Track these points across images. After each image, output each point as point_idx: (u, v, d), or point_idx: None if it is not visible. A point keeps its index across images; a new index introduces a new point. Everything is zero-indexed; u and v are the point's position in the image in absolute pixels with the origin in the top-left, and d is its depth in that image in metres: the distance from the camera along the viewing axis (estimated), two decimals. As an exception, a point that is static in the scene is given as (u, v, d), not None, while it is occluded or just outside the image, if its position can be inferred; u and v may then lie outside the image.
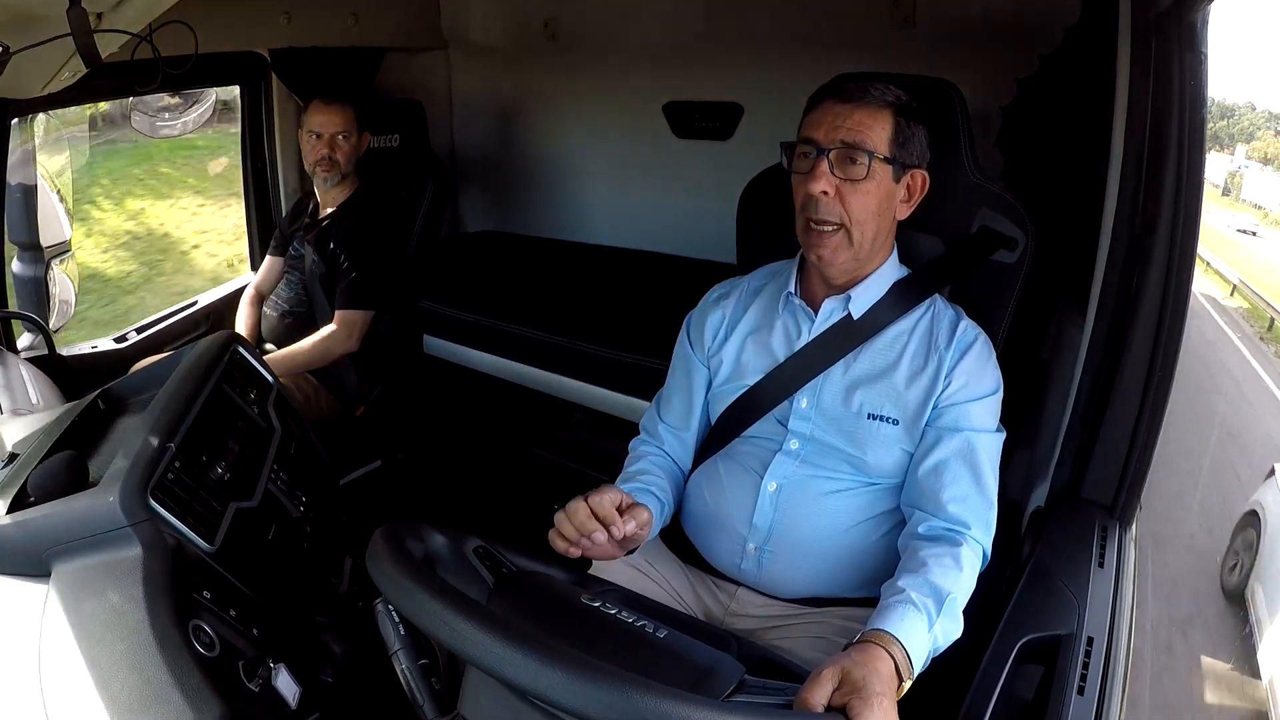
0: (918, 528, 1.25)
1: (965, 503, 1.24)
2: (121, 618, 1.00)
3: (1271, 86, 3.13)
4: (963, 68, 1.72)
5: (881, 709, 0.90)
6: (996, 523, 1.25)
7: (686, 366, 1.52)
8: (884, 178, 1.30)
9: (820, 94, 1.34)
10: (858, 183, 1.28)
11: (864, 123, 1.28)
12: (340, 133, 2.49)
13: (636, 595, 1.25)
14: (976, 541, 1.22)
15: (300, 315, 2.58)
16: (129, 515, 1.06)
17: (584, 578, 1.23)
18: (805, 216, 1.32)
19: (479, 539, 1.12)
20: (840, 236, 1.31)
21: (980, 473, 1.27)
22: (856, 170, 1.28)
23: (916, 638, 1.04)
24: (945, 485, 1.26)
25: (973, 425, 1.29)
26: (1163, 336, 1.36)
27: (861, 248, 1.33)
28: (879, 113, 1.29)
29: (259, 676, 1.07)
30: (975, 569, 1.20)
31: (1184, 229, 1.33)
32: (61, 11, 1.13)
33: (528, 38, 3.19)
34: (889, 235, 1.38)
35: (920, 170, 1.34)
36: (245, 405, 1.49)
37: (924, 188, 1.36)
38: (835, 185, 1.29)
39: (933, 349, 1.34)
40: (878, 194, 1.30)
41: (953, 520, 1.23)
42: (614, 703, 0.74)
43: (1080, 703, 1.07)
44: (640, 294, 2.73)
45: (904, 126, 1.30)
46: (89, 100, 2.58)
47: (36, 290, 2.24)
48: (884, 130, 1.29)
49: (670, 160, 3.06)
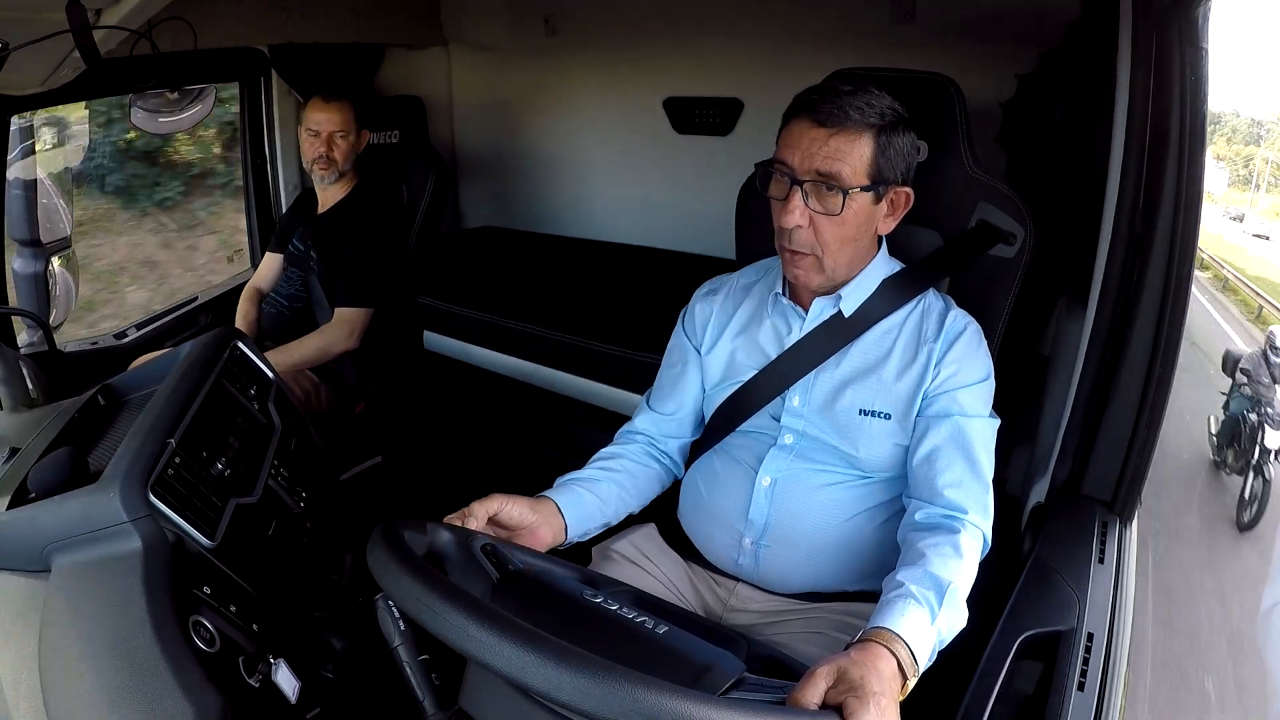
0: (915, 515, 1.24)
1: (960, 488, 1.23)
2: (121, 613, 1.00)
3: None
4: (963, 64, 1.72)
5: (879, 709, 0.87)
6: (996, 518, 1.24)
7: (681, 353, 1.52)
8: (862, 204, 1.28)
9: (795, 109, 1.29)
10: (829, 215, 1.26)
11: (841, 150, 1.24)
12: (338, 131, 2.48)
13: (647, 595, 1.25)
14: (975, 526, 1.20)
15: (299, 311, 2.58)
16: (129, 511, 1.06)
17: (595, 576, 1.22)
18: (780, 241, 1.33)
19: (487, 537, 1.12)
20: (812, 261, 1.31)
21: (974, 457, 1.25)
22: (831, 203, 1.26)
23: (919, 633, 1.01)
24: (939, 472, 1.25)
25: (963, 411, 1.28)
26: (1163, 332, 1.36)
27: (836, 271, 1.33)
28: (858, 137, 1.24)
29: (259, 672, 1.07)
30: (976, 556, 1.18)
31: (1185, 224, 1.32)
32: (60, 8, 1.13)
33: (528, 34, 3.18)
34: (870, 247, 1.37)
35: (905, 189, 1.32)
36: (245, 401, 1.49)
37: (908, 203, 1.33)
38: (810, 216, 1.27)
39: (922, 341, 1.34)
40: (855, 222, 1.29)
41: (949, 506, 1.22)
42: (606, 696, 0.73)
43: (1080, 698, 1.07)
44: (640, 290, 2.73)
45: (886, 145, 1.26)
46: (88, 97, 2.57)
47: (36, 286, 2.24)
48: (863, 156, 1.25)
49: (670, 156, 3.06)
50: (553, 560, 1.19)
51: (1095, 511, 1.43)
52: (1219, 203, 4.16)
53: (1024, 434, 1.70)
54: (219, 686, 0.97)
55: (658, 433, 1.52)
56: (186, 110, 2.80)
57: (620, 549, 1.48)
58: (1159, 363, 1.37)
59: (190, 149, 4.01)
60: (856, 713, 0.86)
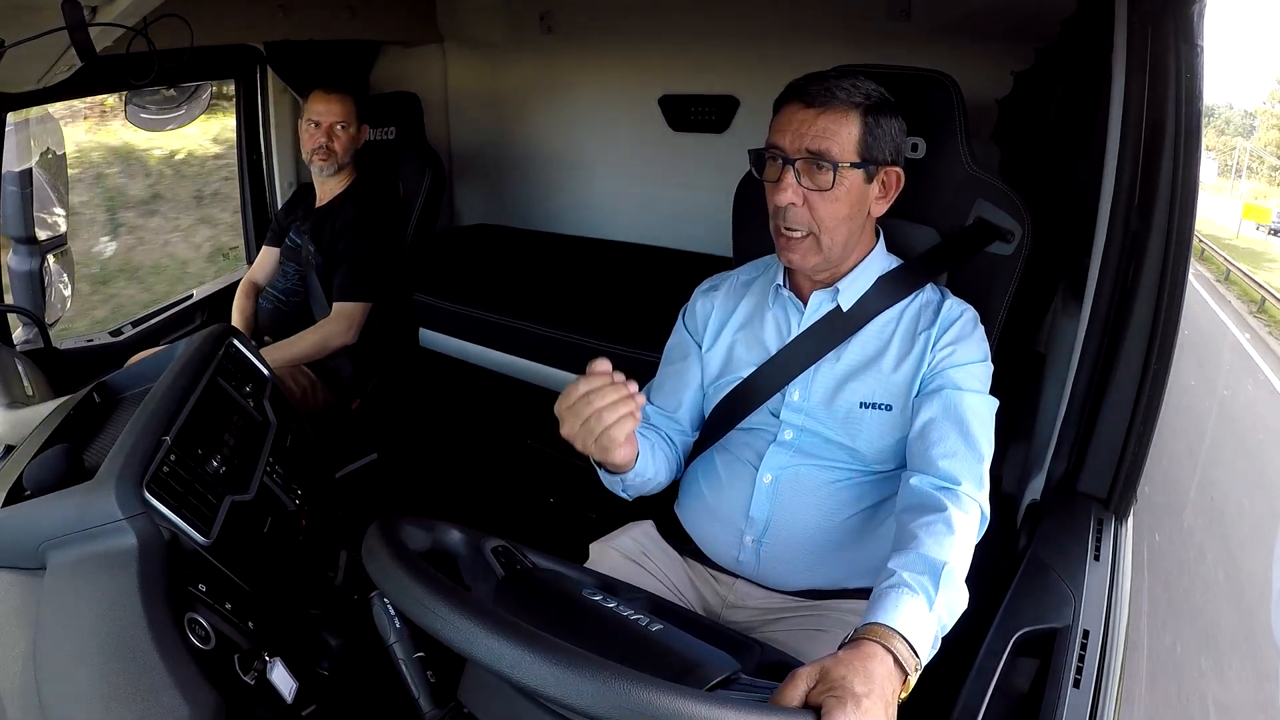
0: (909, 481, 1.22)
1: (955, 458, 1.22)
2: (117, 610, 1.00)
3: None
4: (959, 60, 1.72)
5: (857, 709, 0.84)
6: (992, 517, 1.23)
7: (682, 349, 1.52)
8: (854, 182, 1.29)
9: (785, 95, 1.33)
10: (826, 191, 1.28)
11: (829, 129, 1.27)
12: (339, 122, 2.49)
13: (663, 601, 1.25)
14: (969, 497, 1.18)
15: (296, 305, 2.58)
16: (124, 508, 1.06)
17: (611, 582, 1.23)
18: (775, 222, 1.33)
19: (500, 539, 1.12)
20: (810, 242, 1.32)
21: (967, 429, 1.24)
22: (823, 179, 1.28)
23: (917, 623, 0.98)
24: (933, 443, 1.24)
25: (957, 385, 1.28)
26: (1159, 329, 1.36)
27: (832, 251, 1.33)
28: (845, 116, 1.28)
29: (254, 669, 1.07)
30: (973, 531, 1.16)
31: (1180, 221, 1.32)
32: (56, 5, 1.12)
33: (523, 31, 3.18)
34: (865, 232, 1.38)
35: (895, 169, 1.33)
36: (241, 398, 1.49)
37: (899, 184, 1.35)
38: (803, 194, 1.29)
39: (919, 330, 1.34)
40: (848, 199, 1.30)
41: (942, 476, 1.20)
42: (578, 684, 0.74)
43: (1076, 696, 1.07)
44: (636, 287, 2.73)
45: (873, 125, 1.29)
46: (85, 94, 2.57)
47: (32, 284, 2.24)
48: (851, 134, 1.28)
49: (666, 153, 3.05)
50: (564, 564, 1.19)
51: (1091, 508, 1.43)
52: (1208, 191, 4.22)
53: (1020, 431, 1.70)
54: (214, 684, 0.98)
55: (663, 424, 1.51)
56: (183, 107, 2.80)
57: (619, 545, 1.48)
58: (1155, 359, 1.37)
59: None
60: (833, 712, 0.84)
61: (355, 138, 2.55)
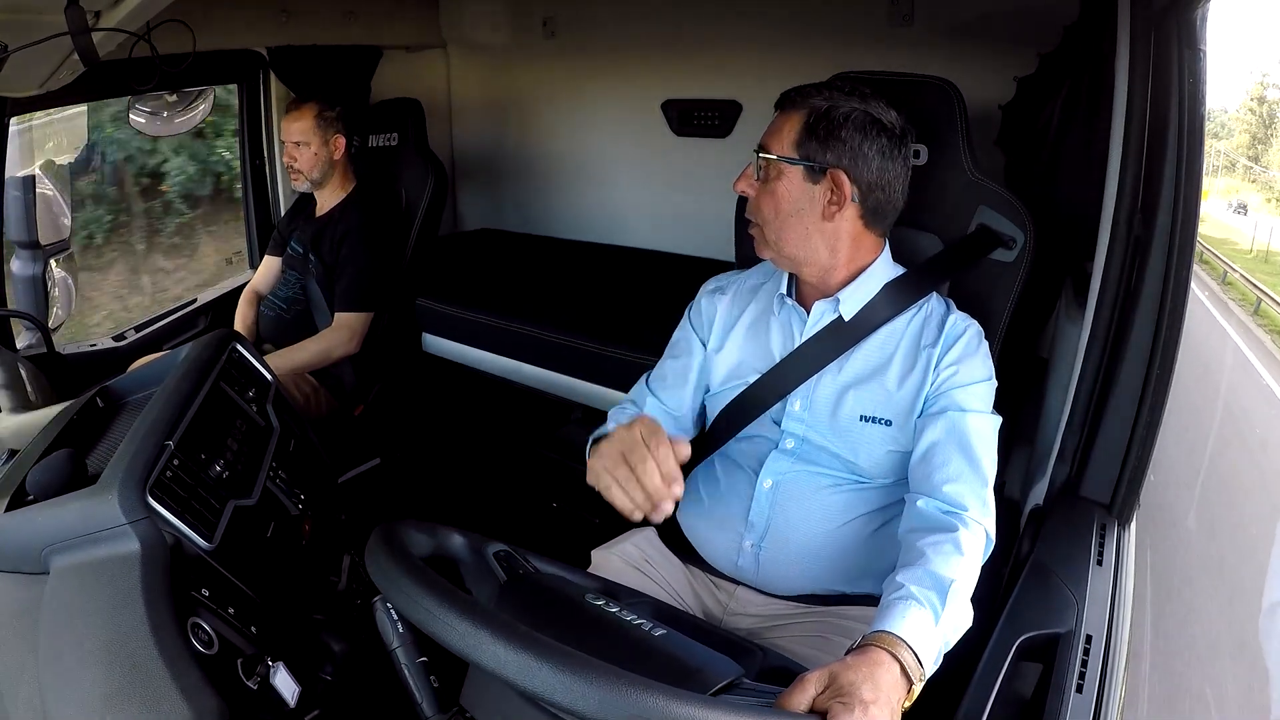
0: (915, 504, 1.22)
1: (959, 482, 1.21)
2: (120, 615, 1.00)
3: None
4: (962, 66, 1.72)
5: (866, 716, 0.86)
6: (996, 522, 1.23)
7: (687, 344, 1.51)
8: (792, 179, 1.30)
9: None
10: (765, 184, 1.32)
11: (778, 127, 1.32)
12: (296, 140, 2.48)
13: (664, 606, 1.25)
14: (976, 523, 1.18)
15: (298, 314, 2.58)
16: (127, 513, 1.06)
17: (613, 587, 1.22)
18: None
19: (503, 544, 1.12)
20: (759, 233, 1.37)
21: (972, 453, 1.24)
22: (766, 172, 1.32)
23: (923, 635, 1.00)
24: (936, 468, 1.24)
25: (960, 406, 1.28)
26: (1162, 334, 1.36)
27: (780, 248, 1.35)
28: (792, 115, 1.31)
29: (257, 674, 1.07)
30: (979, 553, 1.16)
31: (1183, 227, 1.32)
32: (59, 10, 1.13)
33: (526, 36, 3.19)
34: (843, 240, 1.34)
35: (842, 173, 1.28)
36: (244, 403, 1.49)
37: (852, 194, 1.30)
38: (755, 188, 1.34)
39: (922, 347, 1.34)
40: (787, 196, 1.31)
41: (947, 502, 1.20)
42: (580, 689, 0.74)
43: (1079, 701, 1.07)
44: (639, 292, 2.73)
45: (821, 127, 1.27)
46: (88, 99, 2.57)
47: (35, 288, 2.24)
48: (792, 130, 1.30)
49: (669, 158, 3.06)
50: (567, 569, 1.19)
51: (1094, 513, 1.42)
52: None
53: (1023, 436, 1.70)
54: (217, 689, 0.97)
55: (660, 418, 1.49)
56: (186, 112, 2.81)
57: (621, 551, 1.48)
58: (1158, 364, 1.37)
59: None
60: (840, 718, 0.85)
61: (320, 153, 2.50)
